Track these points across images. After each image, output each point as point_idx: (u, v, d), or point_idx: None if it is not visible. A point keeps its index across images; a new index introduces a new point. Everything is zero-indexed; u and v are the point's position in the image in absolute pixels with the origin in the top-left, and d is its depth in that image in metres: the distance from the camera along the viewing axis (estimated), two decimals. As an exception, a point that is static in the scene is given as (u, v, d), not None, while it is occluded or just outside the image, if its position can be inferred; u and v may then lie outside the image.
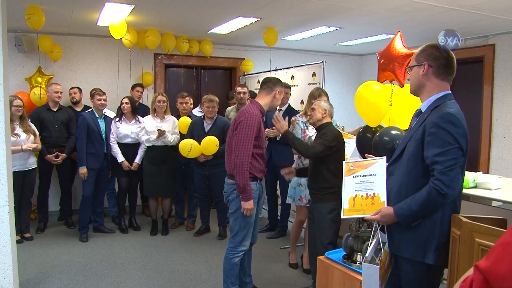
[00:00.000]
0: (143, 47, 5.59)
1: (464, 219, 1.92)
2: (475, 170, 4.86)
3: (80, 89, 5.20)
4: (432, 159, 1.75)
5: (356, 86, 3.74)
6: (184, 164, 4.85)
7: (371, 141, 3.03)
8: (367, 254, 1.88)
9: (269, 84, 2.96)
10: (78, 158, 4.43)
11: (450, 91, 1.91)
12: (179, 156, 4.69)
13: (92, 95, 4.58)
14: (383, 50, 3.16)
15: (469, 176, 3.22)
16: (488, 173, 5.09)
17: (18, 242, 3.78)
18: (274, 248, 4.36)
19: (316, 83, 4.68)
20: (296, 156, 3.79)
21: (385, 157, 2.05)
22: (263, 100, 2.93)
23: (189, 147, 4.27)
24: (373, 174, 2.03)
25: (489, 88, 5.31)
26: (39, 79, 5.11)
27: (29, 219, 4.57)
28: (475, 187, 3.17)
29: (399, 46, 3.15)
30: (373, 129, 3.24)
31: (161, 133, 4.41)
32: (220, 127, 4.43)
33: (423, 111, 1.93)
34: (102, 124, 4.56)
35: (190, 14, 4.51)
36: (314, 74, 4.77)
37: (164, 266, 3.86)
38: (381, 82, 3.21)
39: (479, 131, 5.48)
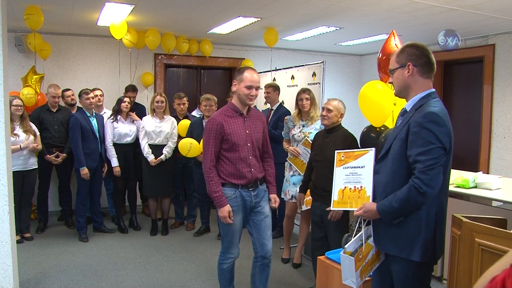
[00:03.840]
0: (143, 47, 5.59)
1: (464, 219, 1.92)
2: (475, 170, 4.86)
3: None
4: (414, 158, 1.77)
5: (356, 86, 3.75)
6: (183, 164, 4.85)
7: (375, 141, 3.03)
8: (346, 246, 1.90)
9: None
10: (76, 159, 4.41)
11: (434, 89, 1.93)
12: (178, 156, 4.70)
13: (79, 96, 4.58)
14: (381, 48, 3.19)
15: (469, 176, 3.22)
16: (488, 173, 5.09)
17: (18, 242, 3.78)
18: (274, 248, 4.34)
19: (316, 83, 4.68)
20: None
21: (374, 149, 2.04)
22: (234, 98, 2.77)
23: (188, 146, 4.27)
24: (362, 166, 2.02)
25: (489, 88, 5.31)
26: (35, 77, 5.10)
27: (29, 219, 4.57)
28: (475, 187, 3.18)
29: (392, 44, 3.18)
30: (377, 129, 3.24)
31: (157, 161, 4.51)
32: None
33: (408, 110, 1.94)
34: (94, 123, 4.54)
35: (190, 14, 4.51)
36: (314, 74, 4.77)
37: (164, 266, 3.85)
38: (386, 83, 3.21)
39: (479, 131, 5.48)
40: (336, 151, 2.17)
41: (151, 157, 4.52)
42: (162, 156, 4.53)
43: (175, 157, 4.75)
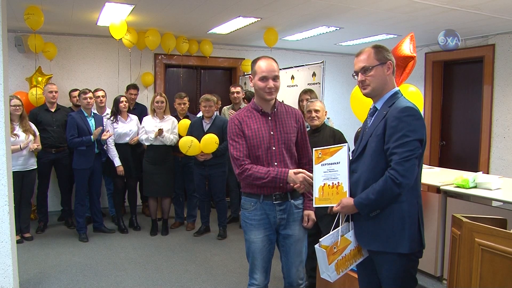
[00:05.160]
0: (143, 47, 5.59)
1: (464, 219, 1.92)
2: (475, 170, 4.87)
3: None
4: (391, 150, 1.82)
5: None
6: (183, 164, 4.86)
7: None
8: (321, 239, 1.94)
9: None
10: (76, 151, 4.43)
11: (398, 88, 2.00)
12: (178, 156, 4.70)
13: (78, 96, 4.60)
14: (392, 50, 3.21)
15: (469, 176, 3.22)
16: (488, 173, 5.10)
17: (18, 242, 3.78)
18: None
19: (316, 83, 4.69)
20: None
21: (347, 144, 2.06)
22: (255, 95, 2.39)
23: (189, 143, 4.28)
24: (337, 162, 2.04)
25: (489, 88, 5.31)
26: (40, 79, 5.11)
27: (29, 219, 4.57)
28: (475, 187, 3.17)
29: (404, 48, 3.17)
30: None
31: (159, 132, 4.42)
32: (219, 126, 4.44)
33: (378, 108, 1.97)
34: (92, 123, 4.53)
35: (190, 14, 4.51)
36: (314, 74, 4.77)
37: (164, 266, 3.85)
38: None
39: (479, 131, 5.48)
40: (313, 149, 2.17)
41: (152, 134, 4.47)
42: (165, 133, 4.48)
43: (175, 157, 4.75)
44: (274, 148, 2.29)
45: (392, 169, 1.79)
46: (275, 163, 2.28)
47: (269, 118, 2.33)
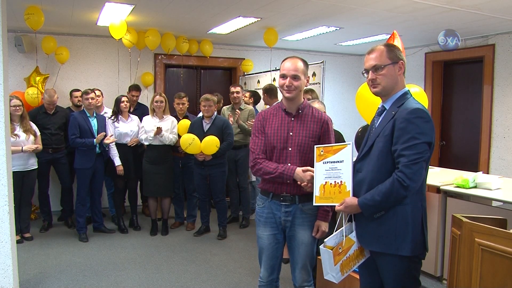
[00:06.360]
0: (143, 47, 5.59)
1: (464, 219, 1.92)
2: (475, 170, 4.87)
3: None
4: (399, 152, 1.80)
5: (356, 86, 3.75)
6: (183, 164, 4.86)
7: None
8: (326, 240, 1.93)
9: None
10: (78, 150, 4.43)
11: (407, 88, 1.97)
12: (177, 156, 4.71)
13: (81, 96, 4.63)
14: None
15: (469, 176, 3.22)
16: (488, 173, 5.10)
17: (18, 242, 3.78)
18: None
19: (316, 83, 4.69)
20: None
21: (351, 143, 2.05)
22: None
23: (190, 140, 4.29)
24: (341, 161, 2.02)
25: (489, 88, 5.31)
26: (38, 78, 5.10)
27: (29, 219, 4.57)
28: (475, 187, 3.18)
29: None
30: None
31: (158, 130, 4.42)
32: (219, 126, 4.44)
33: (387, 108, 1.95)
34: (94, 123, 4.53)
35: (190, 14, 4.51)
36: (314, 74, 4.77)
37: (164, 266, 3.86)
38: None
39: (479, 131, 5.48)
40: (315, 146, 2.16)
41: (151, 133, 4.46)
42: (164, 132, 4.48)
43: (174, 157, 4.75)
44: (290, 149, 2.30)
45: (399, 171, 1.77)
46: (289, 164, 2.28)
47: (292, 118, 2.34)
